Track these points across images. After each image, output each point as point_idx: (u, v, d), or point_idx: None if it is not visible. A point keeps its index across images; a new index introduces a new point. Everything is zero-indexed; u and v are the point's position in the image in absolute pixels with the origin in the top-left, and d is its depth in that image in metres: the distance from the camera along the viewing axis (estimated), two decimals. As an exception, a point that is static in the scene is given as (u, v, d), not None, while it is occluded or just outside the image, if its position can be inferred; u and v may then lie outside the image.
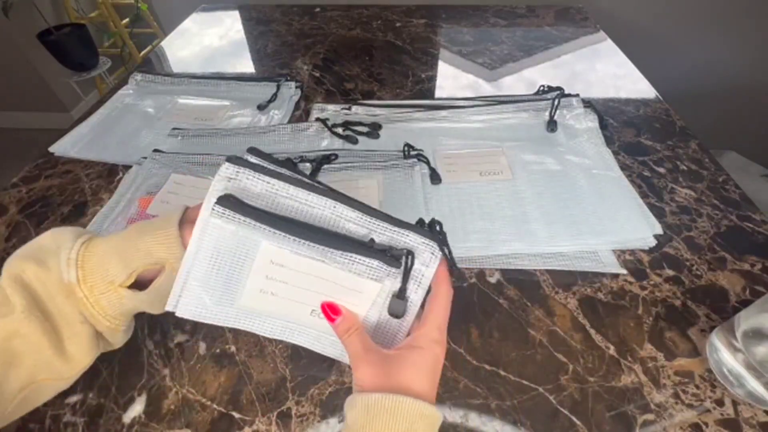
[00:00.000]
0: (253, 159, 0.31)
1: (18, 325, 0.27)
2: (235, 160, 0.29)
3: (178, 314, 0.30)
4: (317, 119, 0.63)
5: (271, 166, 0.30)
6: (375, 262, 0.29)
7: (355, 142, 0.61)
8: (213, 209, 0.28)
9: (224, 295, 0.31)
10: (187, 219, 0.32)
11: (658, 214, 0.50)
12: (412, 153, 0.56)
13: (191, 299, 0.30)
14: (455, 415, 0.35)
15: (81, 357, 0.30)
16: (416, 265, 0.30)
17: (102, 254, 0.30)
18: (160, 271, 0.31)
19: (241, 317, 0.32)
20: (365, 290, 0.30)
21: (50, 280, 0.28)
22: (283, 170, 0.30)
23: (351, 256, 0.29)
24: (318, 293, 0.31)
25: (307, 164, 0.55)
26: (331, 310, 0.30)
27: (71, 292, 0.29)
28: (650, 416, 0.34)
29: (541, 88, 0.68)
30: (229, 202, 0.28)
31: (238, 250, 0.30)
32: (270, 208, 0.29)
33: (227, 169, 0.29)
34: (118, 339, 0.32)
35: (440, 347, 0.28)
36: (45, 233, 0.31)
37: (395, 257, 0.29)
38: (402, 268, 0.29)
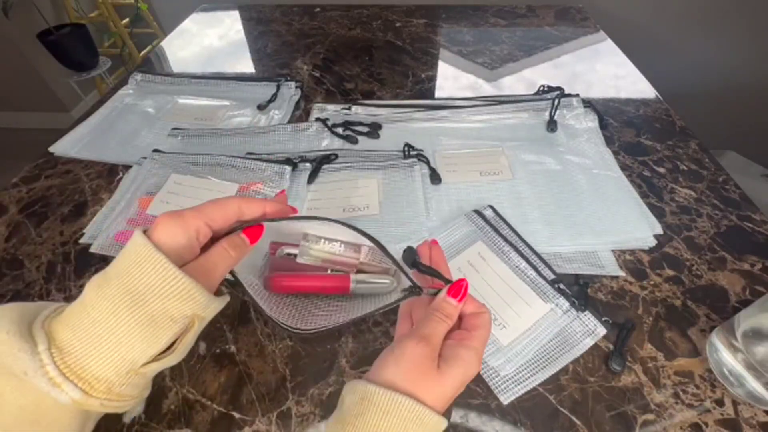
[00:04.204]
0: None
1: None
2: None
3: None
4: (317, 119, 0.63)
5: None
6: (553, 291, 0.40)
7: (355, 142, 0.61)
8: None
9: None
10: (171, 247, 0.24)
11: (658, 214, 0.50)
12: (412, 153, 0.56)
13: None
14: (455, 415, 0.34)
15: None
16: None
17: (100, 348, 0.22)
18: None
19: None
20: (534, 306, 0.40)
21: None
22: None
23: (540, 282, 0.41)
24: (496, 292, 0.41)
25: (307, 164, 0.55)
26: (461, 290, 0.29)
27: (74, 411, 0.22)
28: (650, 416, 0.34)
29: (541, 88, 0.68)
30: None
31: (465, 239, 0.46)
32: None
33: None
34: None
35: (479, 365, 0.27)
36: None
37: (573, 298, 0.40)
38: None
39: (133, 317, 0.22)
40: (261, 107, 0.68)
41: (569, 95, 0.64)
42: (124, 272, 0.23)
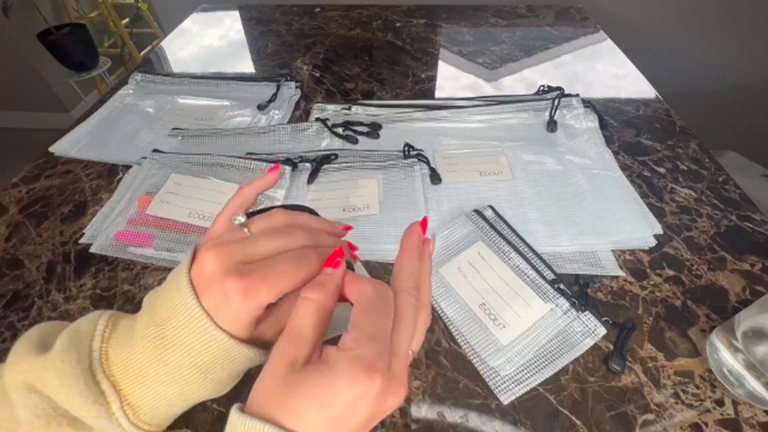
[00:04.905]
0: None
1: None
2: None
3: None
4: (317, 119, 0.63)
5: None
6: (553, 291, 0.40)
7: (355, 142, 0.61)
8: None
9: (436, 258, 0.45)
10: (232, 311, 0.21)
11: (658, 214, 0.50)
12: (412, 153, 0.56)
13: None
14: (455, 415, 0.35)
15: None
16: None
17: (171, 404, 0.23)
18: None
19: (438, 281, 0.43)
20: (534, 306, 0.40)
21: None
22: None
23: (540, 282, 0.41)
24: (496, 292, 0.41)
25: (307, 164, 0.55)
26: (336, 255, 0.22)
27: None
28: (650, 416, 0.34)
29: (541, 88, 0.68)
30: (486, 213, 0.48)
31: (466, 239, 0.46)
32: None
33: None
34: None
35: (370, 374, 0.18)
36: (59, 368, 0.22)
37: (575, 299, 0.39)
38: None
39: (201, 383, 0.23)
40: (261, 107, 0.68)
41: (569, 95, 0.64)
42: (186, 344, 0.22)
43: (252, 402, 0.19)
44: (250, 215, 0.27)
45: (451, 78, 0.77)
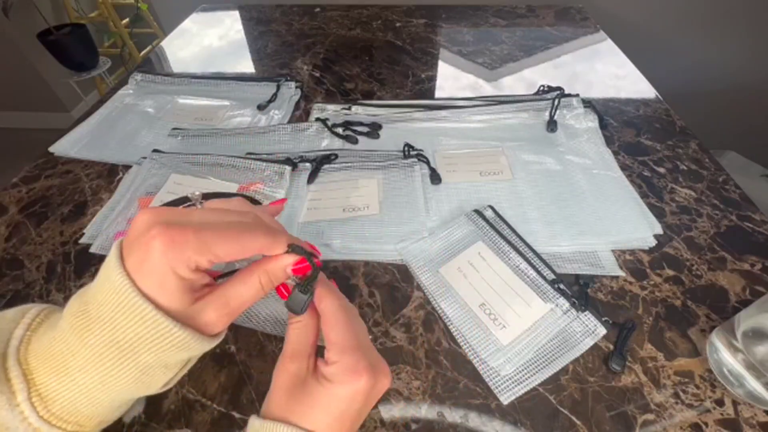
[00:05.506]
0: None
1: None
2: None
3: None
4: (317, 119, 0.63)
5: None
6: (553, 291, 0.40)
7: (355, 142, 0.61)
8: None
9: (436, 258, 0.45)
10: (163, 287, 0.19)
11: (658, 214, 0.50)
12: (412, 153, 0.56)
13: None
14: (455, 415, 0.35)
15: None
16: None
17: (89, 395, 0.20)
18: None
19: (438, 281, 0.43)
20: (534, 306, 0.40)
21: None
22: None
23: (540, 282, 0.41)
24: (496, 292, 0.41)
25: (307, 164, 0.55)
26: (284, 288, 0.25)
27: None
28: (650, 416, 0.34)
29: (541, 88, 0.68)
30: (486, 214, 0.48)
31: (466, 239, 0.46)
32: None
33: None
34: None
35: (357, 375, 0.22)
36: None
37: (576, 299, 0.39)
38: None
39: (123, 369, 0.20)
40: (261, 107, 0.68)
41: (569, 95, 0.64)
42: (107, 319, 0.19)
43: (266, 411, 0.23)
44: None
45: (451, 78, 0.77)
